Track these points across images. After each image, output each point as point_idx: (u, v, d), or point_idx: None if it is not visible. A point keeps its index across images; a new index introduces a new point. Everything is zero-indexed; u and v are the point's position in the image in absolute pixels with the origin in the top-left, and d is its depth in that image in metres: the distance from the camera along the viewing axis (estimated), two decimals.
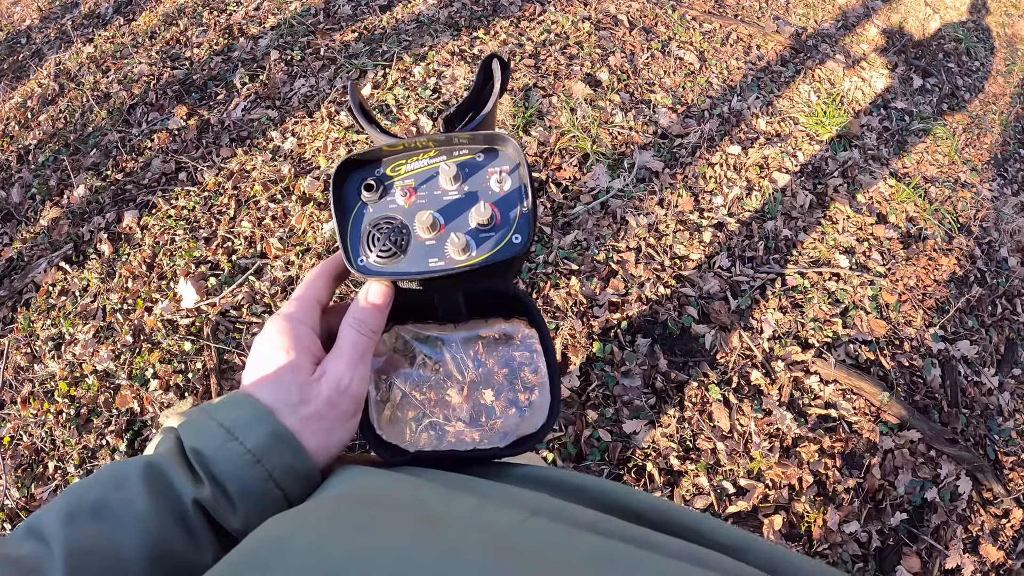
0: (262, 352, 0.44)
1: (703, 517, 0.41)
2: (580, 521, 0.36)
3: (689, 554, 0.35)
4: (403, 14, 2.79)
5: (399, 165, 0.51)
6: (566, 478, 0.45)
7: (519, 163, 0.49)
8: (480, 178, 0.50)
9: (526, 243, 0.47)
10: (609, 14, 2.80)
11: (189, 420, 0.42)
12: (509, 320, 0.53)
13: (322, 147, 2.29)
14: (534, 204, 0.48)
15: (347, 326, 0.46)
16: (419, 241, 0.47)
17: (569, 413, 1.73)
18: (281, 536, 0.33)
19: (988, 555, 1.62)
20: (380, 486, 0.40)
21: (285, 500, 0.41)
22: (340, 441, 0.45)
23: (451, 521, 0.34)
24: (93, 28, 3.09)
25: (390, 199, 0.49)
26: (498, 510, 0.36)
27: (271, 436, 0.40)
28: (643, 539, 0.35)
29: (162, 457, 0.40)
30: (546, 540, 0.33)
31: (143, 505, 0.37)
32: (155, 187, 2.29)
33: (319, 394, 0.43)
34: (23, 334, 2.02)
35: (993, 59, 3.15)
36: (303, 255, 2.02)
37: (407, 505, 0.37)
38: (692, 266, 2.00)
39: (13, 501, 1.73)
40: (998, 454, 1.78)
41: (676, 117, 2.41)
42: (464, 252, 0.46)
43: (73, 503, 0.37)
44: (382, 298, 0.47)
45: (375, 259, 0.47)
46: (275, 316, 0.46)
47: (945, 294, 2.07)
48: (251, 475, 0.39)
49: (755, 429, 1.72)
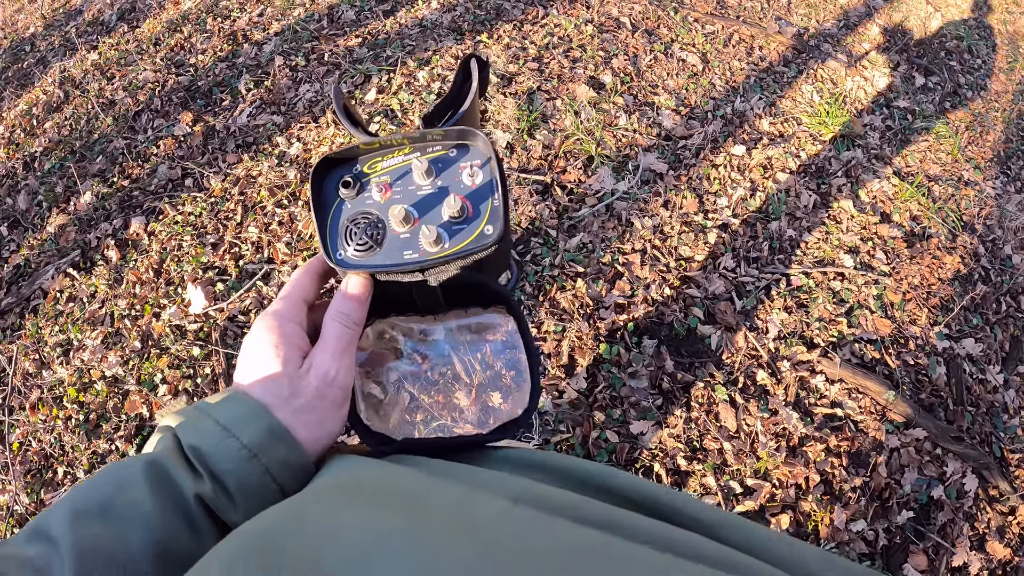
0: (252, 350, 0.46)
1: (684, 496, 0.42)
2: (563, 507, 0.37)
3: (666, 537, 0.36)
4: (407, 19, 2.80)
5: (376, 162, 0.53)
6: (549, 460, 0.47)
7: (489, 157, 0.51)
8: (452, 173, 0.52)
9: (499, 234, 0.48)
10: (612, 17, 2.81)
11: (186, 418, 0.43)
12: (487, 309, 0.54)
13: (328, 152, 2.30)
14: (505, 196, 0.50)
15: (330, 319, 0.47)
16: (394, 234, 0.49)
17: (576, 415, 1.73)
18: (273, 530, 0.34)
19: (995, 552, 1.62)
20: (369, 477, 0.42)
21: (281, 493, 0.42)
22: (331, 432, 0.46)
23: (437, 513, 0.35)
24: (97, 35, 3.11)
25: (367, 195, 0.52)
26: (482, 500, 0.37)
27: (266, 431, 0.42)
28: (624, 523, 0.36)
29: (163, 455, 0.41)
30: (529, 531, 0.34)
31: (148, 503, 0.38)
32: (162, 193, 2.30)
33: (308, 386, 0.45)
34: (31, 340, 2.03)
35: (995, 56, 3.16)
36: (310, 260, 2.03)
37: (394, 497, 0.38)
38: (697, 267, 2.01)
39: (23, 507, 1.74)
40: (1004, 451, 1.78)
41: (679, 119, 2.42)
42: (437, 244, 0.48)
43: (79, 503, 0.38)
44: (361, 290, 0.49)
45: (353, 253, 0.49)
46: (263, 314, 0.48)
47: (949, 292, 2.08)
48: (249, 470, 0.41)
49: (761, 429, 1.73)
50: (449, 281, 0.50)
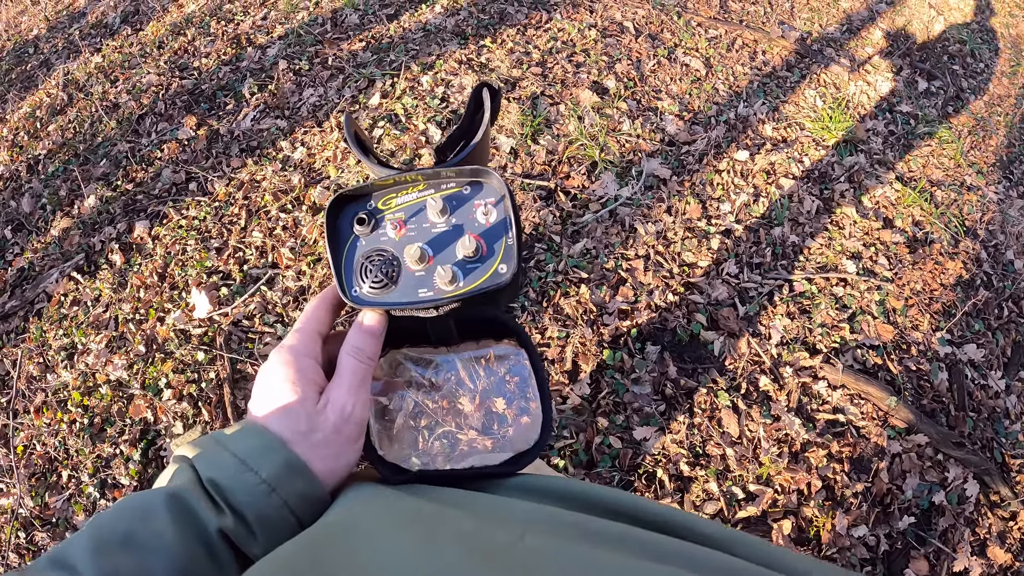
0: (268, 384, 0.46)
1: (693, 516, 0.43)
2: (574, 531, 0.38)
3: (679, 552, 0.36)
4: (410, 23, 2.81)
5: (390, 199, 0.53)
6: (560, 486, 0.47)
7: (503, 195, 0.51)
8: (466, 210, 0.52)
9: (512, 273, 0.49)
10: (615, 21, 2.81)
11: (203, 450, 0.44)
12: (499, 341, 0.55)
13: (332, 157, 2.31)
14: (518, 235, 0.50)
15: (345, 355, 0.48)
16: (409, 272, 0.50)
17: (580, 420, 1.74)
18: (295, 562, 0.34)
19: (996, 558, 1.63)
20: (383, 507, 0.42)
21: (299, 525, 0.42)
22: (347, 464, 0.47)
23: (452, 542, 0.35)
24: (101, 38, 3.11)
25: (381, 232, 0.52)
26: (495, 529, 0.37)
27: (284, 465, 0.42)
28: (639, 540, 0.37)
29: (183, 488, 0.41)
30: (541, 558, 0.34)
31: (170, 535, 0.38)
32: (165, 197, 2.31)
33: (326, 421, 0.45)
34: (35, 344, 2.04)
35: (998, 60, 3.16)
36: (314, 265, 2.04)
37: (410, 525, 0.38)
38: (700, 273, 2.02)
39: (27, 510, 1.75)
40: (1005, 457, 1.79)
41: (683, 124, 2.43)
42: (452, 283, 0.48)
43: (101, 534, 0.38)
44: (376, 325, 0.50)
45: (368, 290, 0.50)
46: (279, 348, 0.48)
47: (952, 298, 2.08)
48: (267, 504, 0.41)
49: (764, 435, 1.74)
50: (462, 315, 0.51)
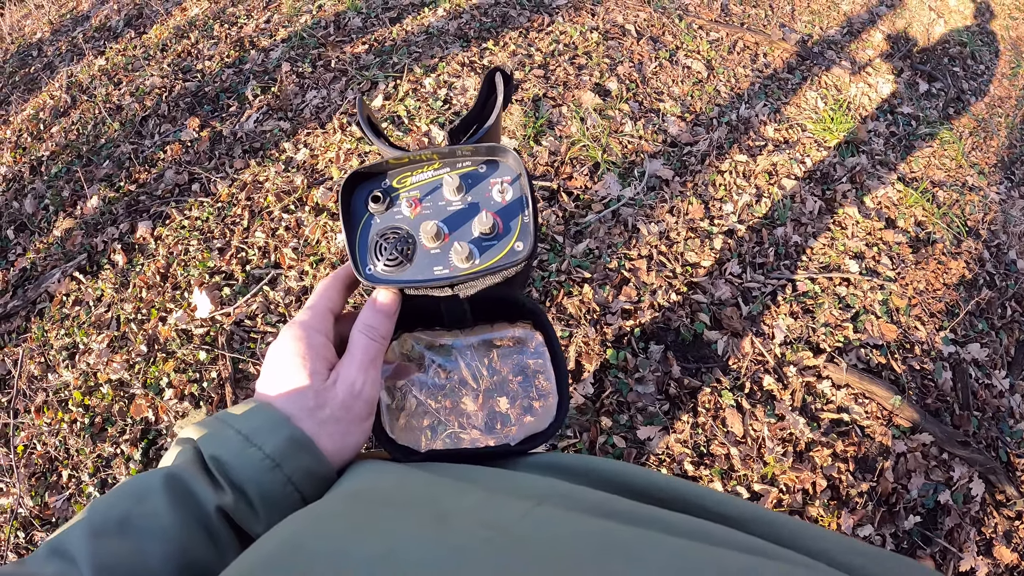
0: (278, 359, 0.46)
1: (706, 490, 0.42)
2: (587, 504, 0.37)
3: (695, 530, 0.35)
4: (413, 26, 2.82)
5: (405, 177, 0.53)
6: (571, 461, 0.46)
7: (520, 174, 0.51)
8: (482, 189, 0.52)
9: (529, 251, 0.48)
10: (617, 24, 2.82)
11: (207, 429, 0.43)
12: (514, 324, 0.54)
13: (334, 158, 2.31)
14: (535, 213, 0.50)
15: (358, 332, 0.47)
16: (424, 250, 0.49)
17: (584, 420, 1.73)
18: (297, 538, 0.33)
19: (1002, 557, 1.62)
20: (392, 484, 0.41)
21: (303, 503, 0.41)
22: (355, 444, 0.46)
23: (460, 517, 0.34)
24: (104, 41, 3.12)
25: (396, 210, 0.51)
26: (505, 502, 0.36)
27: (288, 441, 0.41)
28: (650, 518, 0.36)
29: (182, 467, 0.41)
30: (552, 528, 0.33)
31: (167, 517, 0.38)
32: (168, 198, 2.31)
33: (334, 398, 0.44)
34: (37, 343, 2.04)
35: (998, 62, 3.17)
36: (317, 265, 2.04)
37: (418, 503, 0.38)
38: (703, 273, 2.02)
39: (27, 509, 1.74)
40: (1010, 456, 1.78)
41: (685, 125, 2.43)
42: (468, 260, 0.48)
43: (97, 519, 0.37)
44: (390, 304, 0.49)
45: (382, 268, 0.49)
46: (290, 324, 0.47)
47: (955, 297, 2.08)
48: (270, 480, 0.40)
49: (768, 434, 1.73)
50: (477, 296, 0.50)
